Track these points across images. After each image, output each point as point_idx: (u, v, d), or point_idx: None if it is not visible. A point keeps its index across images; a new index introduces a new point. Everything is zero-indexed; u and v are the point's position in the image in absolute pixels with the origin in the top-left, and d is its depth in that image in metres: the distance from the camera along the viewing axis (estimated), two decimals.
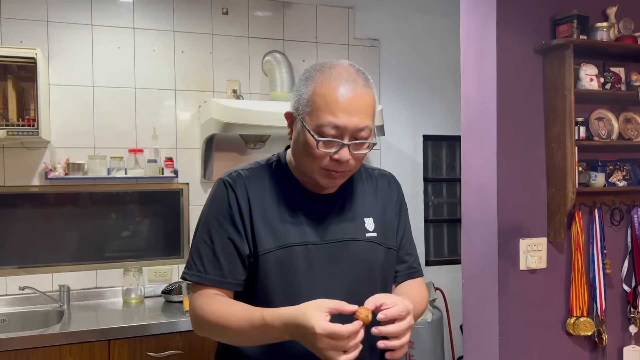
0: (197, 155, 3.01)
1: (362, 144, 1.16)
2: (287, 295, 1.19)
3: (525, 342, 2.06)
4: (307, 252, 1.21)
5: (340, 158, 1.15)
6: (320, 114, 1.13)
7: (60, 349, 2.25)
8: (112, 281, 2.87)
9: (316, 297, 1.16)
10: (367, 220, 1.29)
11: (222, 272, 1.20)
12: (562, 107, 1.99)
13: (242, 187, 1.23)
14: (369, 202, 1.32)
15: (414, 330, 3.04)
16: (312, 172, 1.20)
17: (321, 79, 1.15)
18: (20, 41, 2.71)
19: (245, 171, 1.27)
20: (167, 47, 2.99)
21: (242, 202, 1.22)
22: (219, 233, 1.21)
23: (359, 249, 1.26)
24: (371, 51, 3.40)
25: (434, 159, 3.68)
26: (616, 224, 2.19)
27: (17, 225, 2.75)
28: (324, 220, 1.24)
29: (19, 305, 2.69)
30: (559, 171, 2.01)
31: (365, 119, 1.15)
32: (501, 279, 2.03)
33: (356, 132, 1.14)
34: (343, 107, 1.12)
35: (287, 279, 1.20)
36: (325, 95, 1.13)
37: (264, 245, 1.20)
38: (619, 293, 2.20)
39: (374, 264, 1.28)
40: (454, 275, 3.41)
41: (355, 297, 1.19)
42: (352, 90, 1.14)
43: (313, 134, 1.14)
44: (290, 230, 1.21)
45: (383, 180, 1.39)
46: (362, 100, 1.15)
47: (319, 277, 1.21)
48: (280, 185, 1.26)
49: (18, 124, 2.47)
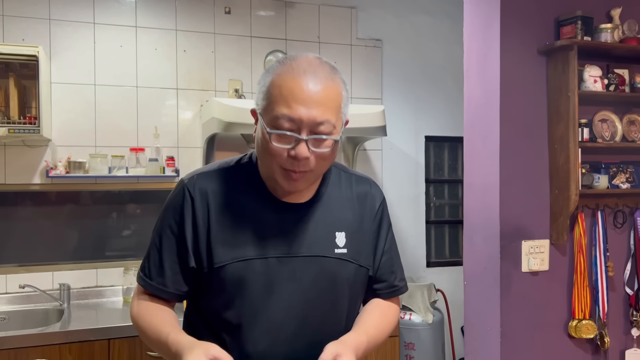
0: (198, 155, 3.01)
1: (322, 140, 1.06)
2: (241, 311, 1.13)
3: (527, 345, 2.05)
4: (267, 267, 1.12)
5: (297, 154, 1.04)
6: (275, 106, 1.05)
7: (60, 347, 2.24)
8: (113, 280, 2.86)
9: (273, 315, 1.14)
10: (338, 235, 1.18)
11: (163, 281, 1.16)
12: (565, 109, 1.98)
13: (201, 191, 1.15)
14: (342, 213, 1.21)
15: (414, 332, 3.04)
16: (273, 172, 1.10)
17: (280, 70, 1.07)
18: (22, 39, 2.70)
19: (210, 172, 1.19)
20: (169, 46, 2.99)
21: (199, 210, 1.14)
22: (168, 240, 1.16)
23: (326, 266, 1.16)
24: (374, 51, 3.39)
25: (436, 160, 3.67)
26: (619, 227, 2.18)
27: (18, 223, 2.75)
28: (289, 233, 1.15)
29: (19, 304, 2.68)
30: (562, 173, 2.00)
31: (325, 113, 1.05)
32: (503, 281, 2.02)
33: (314, 126, 1.04)
34: (299, 99, 1.03)
35: (242, 295, 1.12)
36: (281, 87, 1.05)
37: (219, 257, 1.12)
38: (621, 296, 2.19)
39: (342, 282, 1.18)
40: (455, 276, 3.40)
41: (317, 317, 1.16)
42: (310, 81, 1.04)
43: (267, 127, 1.06)
44: (251, 241, 1.13)
45: (363, 187, 1.26)
46: (323, 92, 1.05)
47: (277, 294, 1.13)
48: (246, 191, 1.16)
49: (19, 122, 2.47)
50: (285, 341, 1.15)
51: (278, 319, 1.14)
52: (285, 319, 1.14)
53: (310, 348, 1.12)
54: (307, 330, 1.16)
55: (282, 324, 1.14)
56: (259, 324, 1.14)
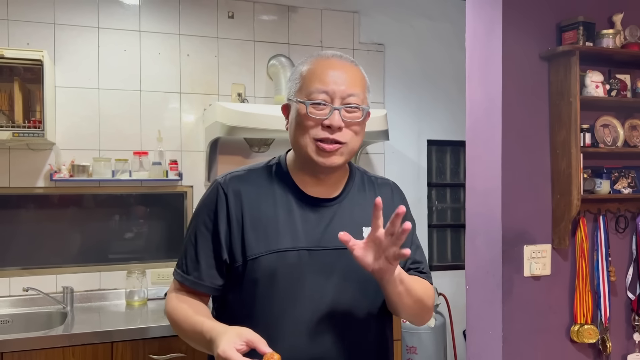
0: (201, 158, 3.02)
1: (353, 111, 1.18)
2: (273, 302, 1.18)
3: (529, 349, 2.05)
4: (298, 258, 1.19)
5: (331, 123, 1.15)
6: (310, 83, 1.18)
7: (63, 350, 2.25)
8: (116, 283, 2.87)
9: (303, 305, 1.17)
10: (365, 230, 1.24)
11: (200, 275, 1.22)
12: (567, 114, 1.99)
13: (234, 189, 1.22)
14: (368, 210, 1.24)
15: (417, 336, 3.04)
16: (306, 147, 1.18)
17: (311, 60, 1.22)
18: (27, 43, 2.73)
19: (242, 173, 1.27)
20: (172, 50, 3.00)
21: (233, 207, 1.21)
22: (203, 236, 1.23)
23: (354, 260, 1.21)
24: (376, 56, 3.41)
25: (438, 164, 3.67)
26: (621, 232, 2.18)
27: (22, 226, 2.76)
28: (319, 227, 1.22)
29: (23, 307, 2.69)
30: (563, 178, 2.01)
31: (353, 86, 1.18)
32: (505, 285, 2.02)
33: (345, 96, 1.17)
34: (331, 75, 1.17)
35: (274, 285, 1.18)
36: (314, 69, 1.19)
37: (252, 250, 1.18)
38: (623, 301, 2.19)
39: (369, 275, 1.20)
40: (457, 280, 3.40)
41: (345, 309, 1.20)
42: (339, 62, 1.20)
43: (304, 100, 1.17)
44: (282, 235, 1.19)
45: (385, 190, 1.35)
46: (351, 71, 1.20)
47: (307, 285, 1.18)
48: (277, 189, 1.24)
49: (24, 125, 2.49)
50: (315, 333, 1.18)
51: (308, 310, 1.18)
52: (315, 310, 1.18)
53: (339, 340, 1.18)
54: (336, 322, 1.20)
55: (311, 315, 1.18)
56: (289, 314, 1.18)
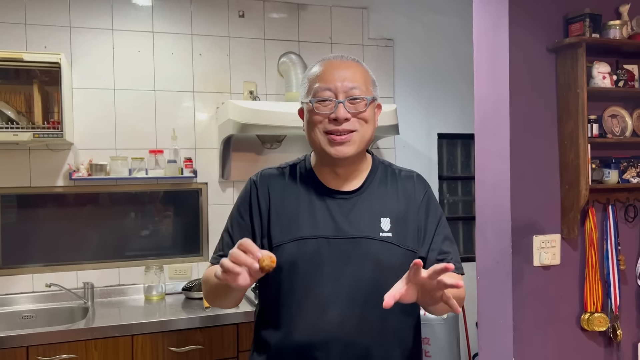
0: (215, 156, 3.08)
1: (357, 102, 1.26)
2: (296, 284, 1.27)
3: (540, 338, 2.08)
4: (317, 246, 1.26)
5: (337, 116, 1.24)
6: (315, 82, 1.28)
7: (86, 343, 2.33)
8: (134, 279, 2.95)
9: (322, 290, 1.24)
10: (383, 220, 1.30)
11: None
12: (574, 105, 2.01)
13: (264, 185, 1.35)
14: (388, 202, 1.33)
15: (429, 327, 3.08)
16: (319, 141, 1.28)
17: (316, 65, 1.32)
18: (45, 46, 2.80)
19: (272, 170, 1.39)
20: (185, 50, 3.06)
21: (262, 199, 1.33)
22: (238, 225, 1.35)
23: (371, 247, 1.27)
24: (385, 51, 3.44)
25: (449, 157, 3.70)
26: (630, 221, 2.20)
27: (43, 225, 2.84)
28: (338, 216, 1.29)
29: (45, 302, 2.78)
30: (572, 168, 2.04)
31: (355, 80, 1.27)
32: (515, 275, 2.05)
33: (348, 90, 1.25)
34: (333, 72, 1.27)
35: (297, 270, 1.26)
36: (318, 71, 1.29)
37: (277, 238, 1.28)
38: (633, 289, 2.21)
39: (386, 264, 1.27)
40: (469, 273, 3.39)
41: (361, 294, 1.24)
42: (340, 61, 1.30)
43: (311, 99, 1.27)
44: (304, 224, 1.28)
45: (408, 182, 1.39)
46: (352, 67, 1.29)
47: (326, 271, 1.25)
48: (301, 183, 1.34)
49: (43, 126, 2.56)
50: (334, 317, 1.24)
51: (327, 292, 1.24)
52: (334, 296, 1.24)
53: (358, 329, 1.24)
54: (355, 309, 1.25)
55: (330, 299, 1.24)
56: (310, 296, 1.25)
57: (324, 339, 1.24)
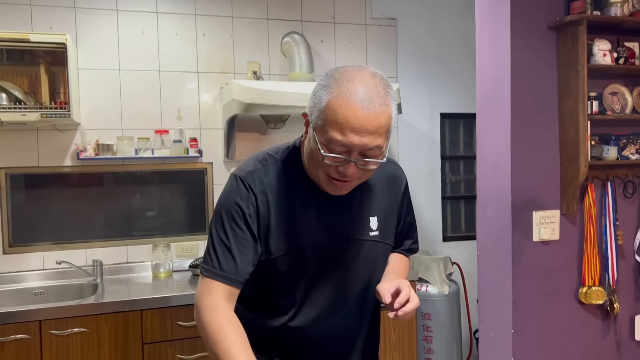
0: (219, 136, 3.12)
1: (370, 161, 1.16)
2: (294, 290, 1.29)
3: (538, 311, 2.13)
4: (315, 251, 1.28)
5: (345, 172, 1.16)
6: (330, 129, 1.12)
7: (96, 318, 2.40)
8: (142, 256, 3.01)
9: (320, 292, 1.30)
10: (372, 219, 1.34)
11: (236, 271, 1.22)
12: (575, 83, 2.03)
13: (262, 190, 1.25)
14: (375, 199, 1.36)
15: (431, 303, 3.14)
16: (318, 177, 1.22)
17: (337, 92, 1.12)
18: (50, 27, 2.82)
19: (265, 170, 1.27)
20: (189, 30, 3.08)
21: (261, 205, 1.24)
22: (234, 232, 1.22)
23: (363, 247, 1.33)
24: (388, 30, 3.45)
25: (451, 137, 3.73)
26: (629, 197, 2.24)
27: (52, 204, 2.90)
28: (332, 220, 1.29)
29: (56, 279, 2.85)
30: (571, 145, 2.07)
31: (376, 139, 1.13)
32: (515, 251, 2.10)
33: (365, 150, 1.13)
34: (353, 128, 1.10)
35: (295, 275, 1.28)
36: (337, 112, 1.10)
37: (277, 246, 1.25)
38: (631, 264, 2.25)
39: (375, 260, 1.37)
40: (471, 250, 3.48)
41: (355, 291, 1.34)
42: (366, 110, 1.10)
43: (321, 147, 1.14)
44: (302, 231, 1.27)
45: (390, 171, 1.40)
46: (375, 121, 1.11)
47: (323, 274, 1.30)
48: (295, 185, 1.27)
49: (50, 107, 2.60)
50: (330, 313, 1.32)
51: (324, 295, 1.31)
52: (330, 296, 1.31)
53: (348, 316, 1.33)
54: (348, 302, 1.33)
55: (327, 299, 1.31)
56: (308, 301, 1.30)
57: (318, 335, 1.32)
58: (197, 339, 2.51)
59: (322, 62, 3.27)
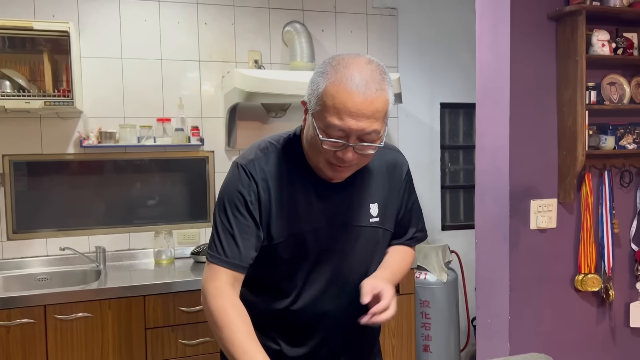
0: (221, 124, 3.14)
1: (368, 146, 1.18)
2: (291, 271, 1.32)
3: (535, 298, 2.17)
4: (316, 237, 1.30)
5: (343, 157, 1.18)
6: (328, 115, 1.14)
7: (100, 303, 2.44)
8: (144, 243, 3.04)
9: (322, 277, 1.33)
10: (372, 206, 1.36)
11: (240, 257, 1.25)
12: (573, 73, 2.06)
13: (264, 177, 1.27)
14: (374, 186, 1.37)
15: (429, 290, 3.18)
16: (318, 163, 1.24)
17: (334, 78, 1.14)
18: (53, 15, 2.84)
19: (266, 157, 1.30)
20: (190, 19, 3.09)
21: (262, 192, 1.27)
22: (237, 219, 1.25)
23: (363, 233, 1.35)
24: (389, 20, 3.46)
25: (451, 127, 3.75)
26: (625, 186, 2.27)
27: (55, 191, 2.93)
28: (332, 206, 1.32)
29: (59, 265, 2.88)
30: (569, 134, 2.09)
31: (373, 124, 1.15)
32: (512, 238, 2.13)
33: (362, 135, 1.16)
34: (350, 112, 1.12)
35: (296, 261, 1.32)
36: (335, 97, 1.13)
37: (278, 232, 1.28)
38: (627, 252, 2.29)
39: (375, 246, 1.39)
40: (470, 239, 3.51)
41: (356, 275, 1.36)
42: (362, 95, 1.12)
43: (319, 133, 1.16)
44: (302, 217, 1.29)
45: (391, 158, 1.42)
46: (372, 105, 1.13)
47: (324, 260, 1.33)
48: (296, 172, 1.30)
49: (54, 95, 2.61)
50: (331, 297, 1.35)
51: (325, 280, 1.34)
52: (331, 281, 1.35)
53: (349, 300, 1.34)
54: (348, 286, 1.36)
55: (328, 284, 1.34)
56: (309, 286, 1.33)
57: (319, 318, 1.35)
58: (199, 324, 2.55)
59: (323, 52, 3.29)
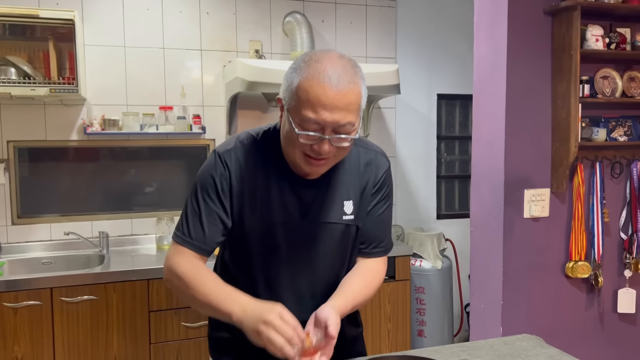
0: (222, 113, 3.19)
1: (343, 138, 1.19)
2: (263, 263, 1.34)
3: (527, 284, 2.25)
4: (288, 231, 1.31)
5: (320, 150, 1.19)
6: (303, 109, 1.16)
7: (105, 286, 2.50)
8: (146, 229, 3.10)
9: (294, 269, 1.36)
10: (346, 203, 1.36)
11: (204, 240, 1.29)
12: (568, 66, 2.12)
13: (238, 167, 1.30)
14: (350, 183, 1.38)
15: (424, 277, 3.27)
16: (294, 158, 1.24)
17: (307, 73, 1.16)
18: (57, 3, 2.87)
19: (244, 148, 1.32)
20: (193, 9, 3.13)
21: (235, 181, 1.29)
22: (206, 203, 1.29)
23: (336, 230, 1.36)
24: (388, 11, 3.51)
25: (448, 118, 3.81)
26: (616, 177, 2.35)
27: (59, 177, 2.98)
28: (306, 202, 1.32)
29: (63, 250, 2.94)
30: (563, 126, 2.16)
31: (347, 116, 1.17)
32: (506, 226, 2.21)
33: (337, 127, 1.17)
34: (324, 105, 1.14)
35: (267, 252, 1.33)
36: (308, 92, 1.15)
37: (251, 223, 1.30)
38: (616, 241, 2.37)
39: (347, 242, 1.39)
40: (464, 228, 3.60)
41: (327, 269, 1.39)
42: (335, 88, 1.14)
43: (295, 127, 1.17)
44: (275, 210, 1.30)
45: (368, 157, 1.41)
46: (345, 97, 1.16)
47: (297, 253, 1.34)
48: (271, 165, 1.31)
49: (58, 82, 2.66)
50: (304, 288, 1.39)
51: (296, 273, 1.37)
52: (304, 273, 1.38)
53: (323, 293, 1.36)
54: (320, 279, 1.40)
55: (299, 278, 1.37)
56: (280, 279, 1.36)
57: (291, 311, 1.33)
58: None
59: (323, 42, 3.34)
